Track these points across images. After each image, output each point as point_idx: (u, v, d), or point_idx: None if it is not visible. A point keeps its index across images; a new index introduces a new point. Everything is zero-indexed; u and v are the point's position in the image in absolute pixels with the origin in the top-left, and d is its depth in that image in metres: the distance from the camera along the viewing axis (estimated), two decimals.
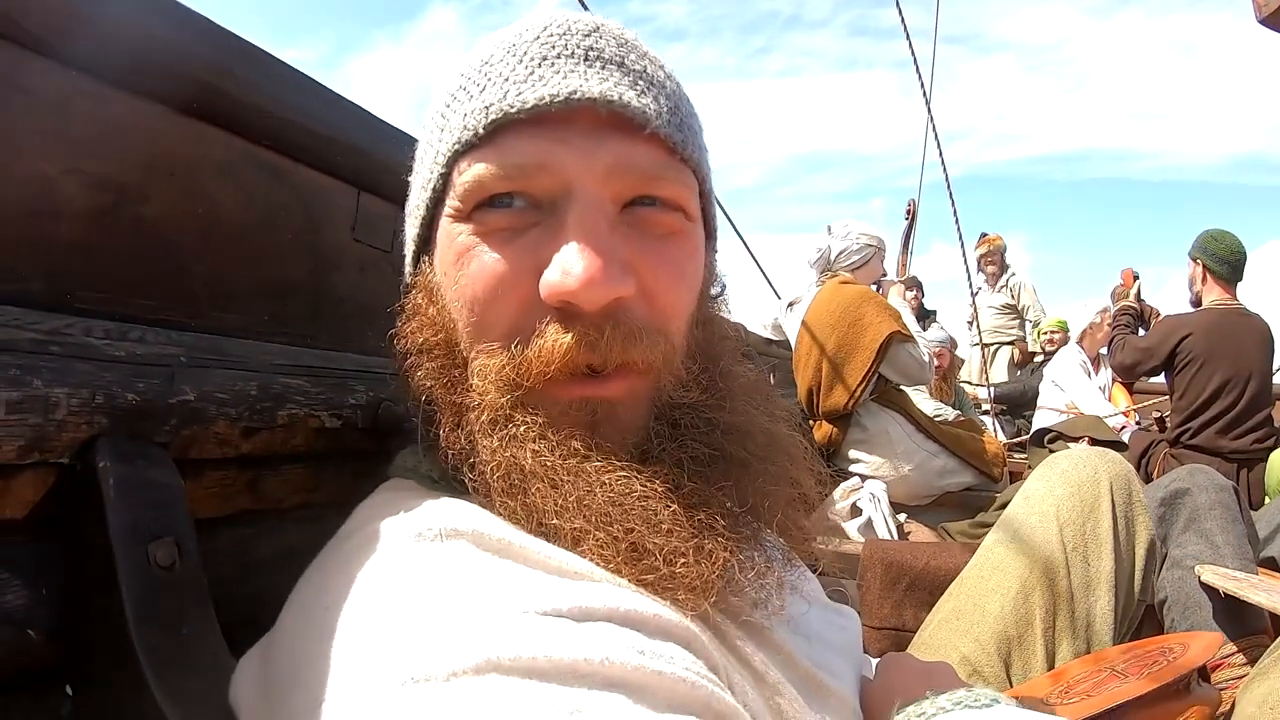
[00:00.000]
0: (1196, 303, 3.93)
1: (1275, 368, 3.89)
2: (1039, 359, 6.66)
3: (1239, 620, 1.93)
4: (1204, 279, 3.86)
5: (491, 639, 0.44)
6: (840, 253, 3.35)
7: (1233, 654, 1.82)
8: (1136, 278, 4.58)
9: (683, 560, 0.57)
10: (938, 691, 0.70)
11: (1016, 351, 7.22)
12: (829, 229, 3.42)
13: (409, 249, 0.73)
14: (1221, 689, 1.36)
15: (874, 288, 3.55)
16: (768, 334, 3.79)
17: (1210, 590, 2.02)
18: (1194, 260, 3.90)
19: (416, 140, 0.74)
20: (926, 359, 3.16)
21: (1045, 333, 6.56)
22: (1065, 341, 6.18)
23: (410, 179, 0.74)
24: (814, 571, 0.87)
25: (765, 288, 4.39)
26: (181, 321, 0.77)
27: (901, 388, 3.29)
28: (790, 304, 3.52)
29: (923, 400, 3.70)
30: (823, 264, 3.39)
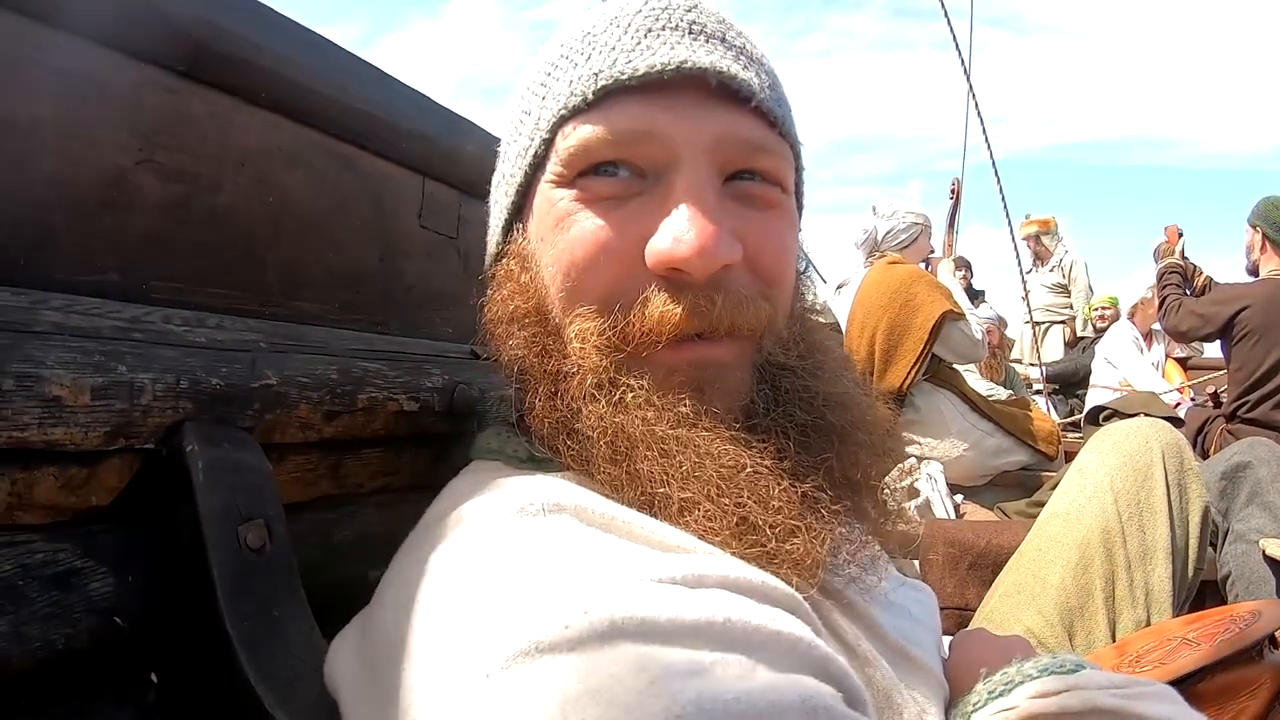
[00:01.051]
0: (1253, 271, 3.82)
1: None
2: (1090, 337, 6.56)
3: None
4: (1263, 247, 3.75)
5: (614, 604, 0.44)
6: (887, 233, 3.34)
7: None
8: (1181, 235, 4.46)
9: (792, 539, 0.57)
10: (1023, 659, 0.70)
11: (1068, 330, 7.12)
12: (874, 209, 3.41)
13: (500, 218, 0.73)
14: None
15: (923, 265, 3.52)
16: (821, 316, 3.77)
17: (1275, 563, 1.98)
18: (1253, 227, 3.79)
19: (479, 126, 0.74)
20: (979, 336, 3.13)
21: (1096, 308, 6.46)
22: (1116, 317, 6.09)
23: (500, 150, 0.75)
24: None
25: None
26: (255, 310, 0.77)
27: (954, 366, 3.26)
28: (839, 286, 3.51)
29: (974, 380, 3.68)
30: (870, 245, 3.38)
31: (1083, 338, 6.88)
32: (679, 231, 0.59)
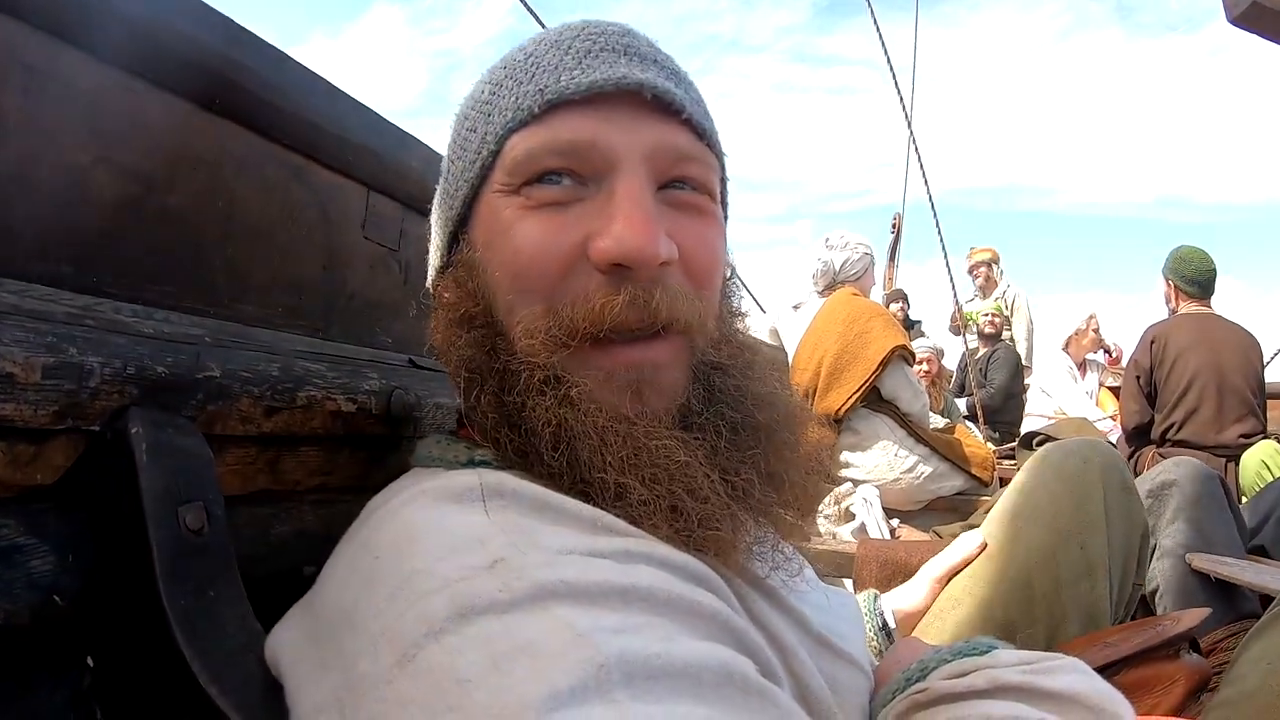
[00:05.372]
0: None
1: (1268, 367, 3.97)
2: (974, 342, 6.68)
3: (1230, 605, 1.97)
4: (1177, 297, 3.99)
5: (545, 571, 0.48)
6: (844, 263, 3.40)
7: (1224, 639, 1.85)
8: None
9: (716, 525, 0.61)
10: (940, 648, 0.75)
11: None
12: (826, 241, 3.45)
13: (445, 231, 0.77)
14: (1216, 672, 1.39)
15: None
16: (764, 338, 3.79)
17: (1201, 577, 2.05)
18: (1166, 280, 4.04)
19: (424, 144, 0.78)
20: (921, 389, 3.21)
21: (985, 314, 6.61)
22: (1002, 325, 6.31)
23: (443, 168, 0.79)
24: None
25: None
26: (201, 310, 0.80)
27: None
28: (795, 306, 3.55)
29: None
30: (829, 278, 3.43)
31: (1025, 366, 6.99)
32: (620, 229, 0.63)
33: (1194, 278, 3.89)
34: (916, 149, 5.80)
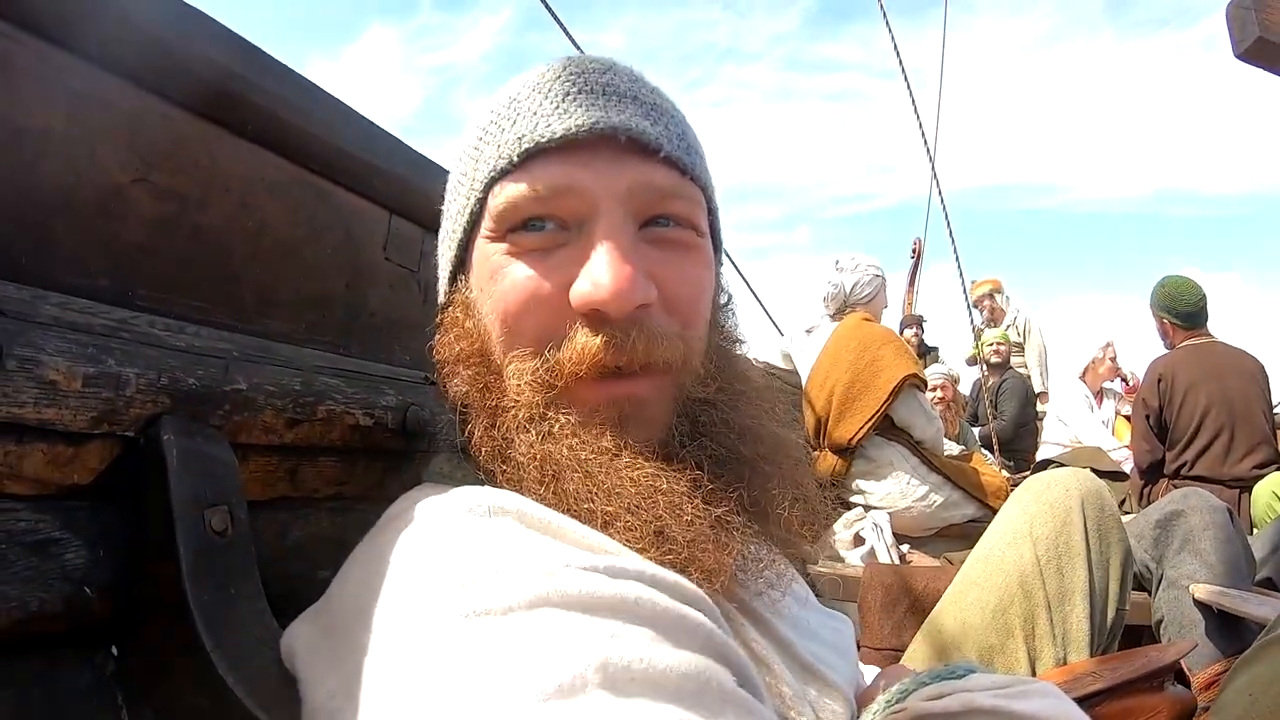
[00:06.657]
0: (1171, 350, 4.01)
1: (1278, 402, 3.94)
2: (985, 372, 6.64)
3: (1234, 637, 1.96)
4: (1172, 331, 3.97)
5: (541, 582, 0.51)
6: (854, 285, 3.41)
7: (1226, 671, 1.85)
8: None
9: (702, 548, 0.64)
10: (921, 672, 0.77)
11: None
12: (836, 264, 3.46)
13: (445, 271, 0.80)
14: (1205, 708, 1.41)
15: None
16: (778, 362, 3.80)
17: (1205, 608, 2.05)
18: (1157, 316, 4.01)
19: (444, 169, 0.82)
20: (934, 414, 3.22)
21: (990, 344, 6.56)
22: (1009, 353, 6.33)
23: (443, 209, 0.82)
24: (805, 571, 0.93)
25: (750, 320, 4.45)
26: (229, 324, 0.84)
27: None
28: (808, 330, 3.56)
29: None
30: (840, 301, 3.44)
31: (1041, 392, 6.96)
32: (597, 275, 0.66)
33: (1187, 311, 3.88)
34: (936, 175, 5.79)
